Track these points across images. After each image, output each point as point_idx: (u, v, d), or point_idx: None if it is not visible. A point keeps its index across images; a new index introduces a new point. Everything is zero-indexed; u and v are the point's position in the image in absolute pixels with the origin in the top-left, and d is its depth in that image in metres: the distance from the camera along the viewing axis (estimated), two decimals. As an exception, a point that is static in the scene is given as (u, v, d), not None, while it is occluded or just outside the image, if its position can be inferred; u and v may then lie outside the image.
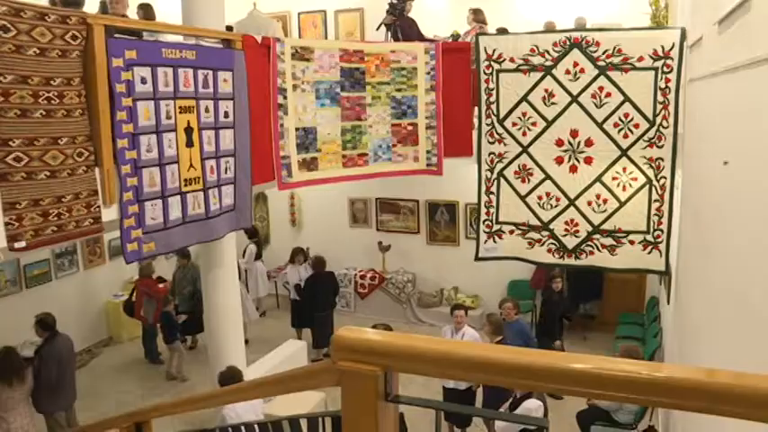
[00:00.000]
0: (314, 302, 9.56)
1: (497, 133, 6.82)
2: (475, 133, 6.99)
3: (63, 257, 9.62)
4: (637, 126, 6.28)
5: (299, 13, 12.14)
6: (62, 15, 4.05)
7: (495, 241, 7.02)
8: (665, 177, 6.28)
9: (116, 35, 4.49)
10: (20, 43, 3.76)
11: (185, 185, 4.94)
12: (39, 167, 3.93)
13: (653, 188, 6.34)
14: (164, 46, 4.86)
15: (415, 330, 10.45)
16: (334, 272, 10.34)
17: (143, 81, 4.58)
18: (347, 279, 11.55)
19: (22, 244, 3.85)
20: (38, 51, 3.85)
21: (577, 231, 6.65)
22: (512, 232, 6.94)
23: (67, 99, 4.08)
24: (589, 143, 6.47)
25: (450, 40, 8.24)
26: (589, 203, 6.59)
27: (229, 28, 6.69)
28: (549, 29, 8.85)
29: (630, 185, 6.42)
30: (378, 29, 8.54)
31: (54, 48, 3.96)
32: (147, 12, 7.38)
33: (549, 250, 6.81)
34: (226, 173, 5.38)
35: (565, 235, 6.71)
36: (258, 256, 11.17)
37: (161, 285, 9.25)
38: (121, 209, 4.50)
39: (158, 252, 5.00)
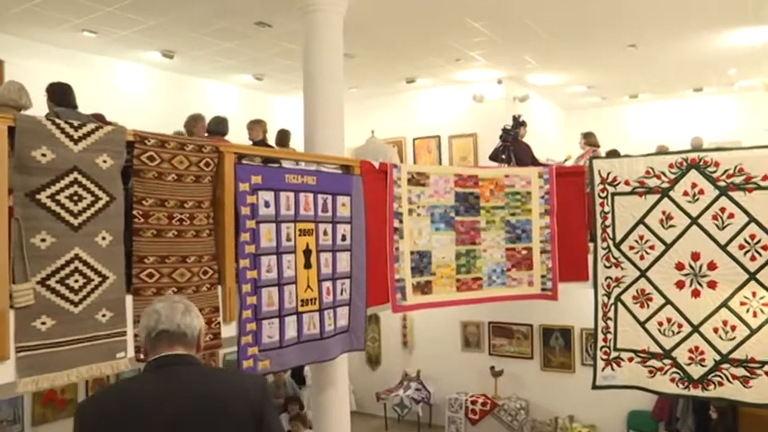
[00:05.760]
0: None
1: (614, 257, 6.64)
2: (590, 257, 6.83)
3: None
4: (765, 248, 5.92)
5: (414, 139, 12.58)
6: (198, 145, 4.38)
7: (613, 369, 6.67)
8: (803, 303, 5.86)
9: (243, 161, 4.79)
10: (162, 170, 4.10)
11: (302, 306, 5.04)
12: (167, 284, 4.15)
13: (788, 314, 5.92)
14: (287, 172, 5.11)
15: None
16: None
17: (266, 204, 4.81)
18: (458, 404, 11.26)
19: (147, 356, 4.03)
20: (176, 177, 4.17)
21: (703, 360, 6.22)
22: (631, 360, 6.59)
23: (197, 220, 4.33)
24: (712, 266, 6.17)
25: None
26: (715, 330, 6.18)
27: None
28: (662, 152, 8.76)
29: (762, 311, 5.98)
30: (491, 158, 8.72)
31: (189, 174, 4.26)
32: (282, 136, 7.89)
33: (673, 380, 6.37)
34: (341, 294, 5.47)
35: (689, 364, 6.29)
36: None
37: None
38: (240, 326, 4.62)
39: (272, 370, 5.07)
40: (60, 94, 5.15)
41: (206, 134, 6.89)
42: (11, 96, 4.87)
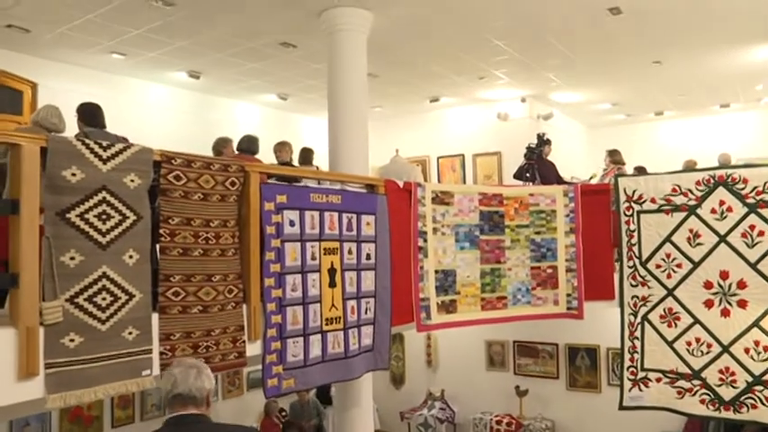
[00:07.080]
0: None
1: (640, 276, 6.57)
2: (616, 276, 6.77)
3: (205, 386, 10.01)
4: (798, 267, 5.86)
5: (438, 158, 12.59)
6: (224, 164, 4.43)
7: (640, 389, 6.57)
8: (837, 322, 5.74)
9: (269, 181, 4.82)
10: (188, 189, 4.15)
11: (326, 324, 5.05)
12: (193, 302, 4.18)
13: (822, 334, 5.80)
14: (311, 191, 5.14)
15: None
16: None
17: (291, 224, 4.83)
18: (482, 424, 11.14)
19: (173, 373, 4.05)
20: (201, 196, 4.22)
21: (735, 381, 6.10)
22: (659, 380, 6.49)
23: (223, 240, 4.37)
24: (742, 285, 6.07)
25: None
26: (746, 351, 6.06)
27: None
28: (690, 167, 8.67)
29: (796, 332, 5.90)
30: (516, 176, 8.70)
31: (215, 193, 4.31)
32: (305, 155, 7.94)
33: (703, 401, 6.26)
34: (366, 313, 5.47)
35: (720, 385, 6.17)
36: None
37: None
38: (265, 345, 4.63)
39: (297, 388, 5.07)
40: (90, 115, 5.22)
41: (236, 153, 6.96)
42: (52, 120, 4.96)
